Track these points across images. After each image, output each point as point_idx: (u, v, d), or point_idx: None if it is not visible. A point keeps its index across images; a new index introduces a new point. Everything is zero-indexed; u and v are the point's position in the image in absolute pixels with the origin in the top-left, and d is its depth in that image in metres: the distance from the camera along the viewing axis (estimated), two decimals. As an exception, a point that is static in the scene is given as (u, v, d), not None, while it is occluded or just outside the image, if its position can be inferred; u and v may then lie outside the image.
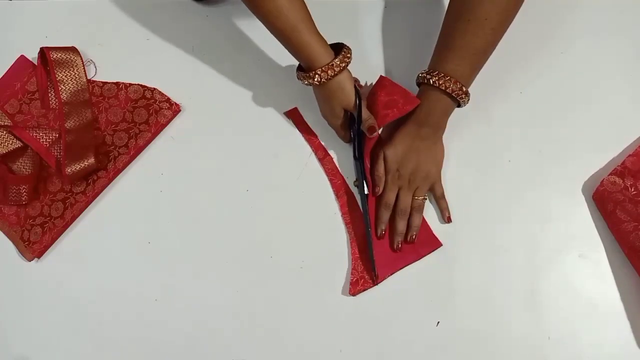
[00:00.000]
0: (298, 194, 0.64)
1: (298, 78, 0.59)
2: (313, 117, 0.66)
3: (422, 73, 0.59)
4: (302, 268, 0.62)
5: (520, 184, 0.61)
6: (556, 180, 0.61)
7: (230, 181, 0.66)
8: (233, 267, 0.63)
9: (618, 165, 0.59)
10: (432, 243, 0.60)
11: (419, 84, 0.60)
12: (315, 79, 0.56)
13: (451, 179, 0.63)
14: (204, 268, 0.63)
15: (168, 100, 0.68)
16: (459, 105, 0.59)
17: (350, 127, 0.62)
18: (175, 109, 0.68)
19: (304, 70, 0.58)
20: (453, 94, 0.56)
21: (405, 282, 0.60)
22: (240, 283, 0.62)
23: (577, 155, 0.61)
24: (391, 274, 0.60)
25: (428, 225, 0.61)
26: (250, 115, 0.68)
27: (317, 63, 0.56)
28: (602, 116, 0.62)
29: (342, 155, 0.65)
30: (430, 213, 0.62)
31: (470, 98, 0.58)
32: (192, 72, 0.70)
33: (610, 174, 0.59)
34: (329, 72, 0.56)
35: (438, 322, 0.59)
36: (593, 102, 0.63)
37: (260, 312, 0.61)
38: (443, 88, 0.56)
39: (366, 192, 0.61)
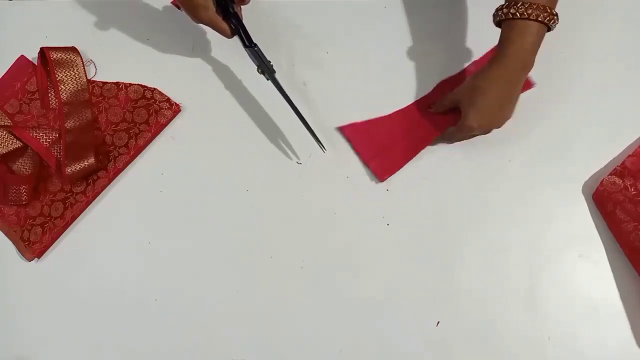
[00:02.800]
0: (298, 194, 0.64)
1: None
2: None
3: (501, 9, 0.52)
4: (302, 268, 0.62)
5: (520, 184, 0.61)
6: (556, 180, 0.61)
7: (230, 181, 0.66)
8: (233, 267, 0.63)
9: (618, 166, 0.59)
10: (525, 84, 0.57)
11: (499, 23, 0.53)
12: None
13: (451, 179, 0.63)
14: (204, 268, 0.63)
15: (168, 100, 0.68)
16: (548, 29, 0.52)
17: (226, 16, 0.58)
18: (175, 109, 0.68)
19: None
20: (545, 20, 0.50)
21: (405, 281, 0.60)
22: (240, 283, 0.62)
23: (577, 155, 0.61)
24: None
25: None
26: (250, 115, 0.68)
27: None
28: (602, 116, 0.62)
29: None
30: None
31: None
32: (192, 72, 0.70)
33: (610, 174, 0.59)
34: None
35: (438, 322, 0.59)
36: (593, 102, 0.63)
37: (260, 312, 0.61)
38: (534, 17, 0.50)
39: (275, 71, 0.59)
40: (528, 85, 0.63)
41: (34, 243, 0.66)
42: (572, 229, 0.60)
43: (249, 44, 0.59)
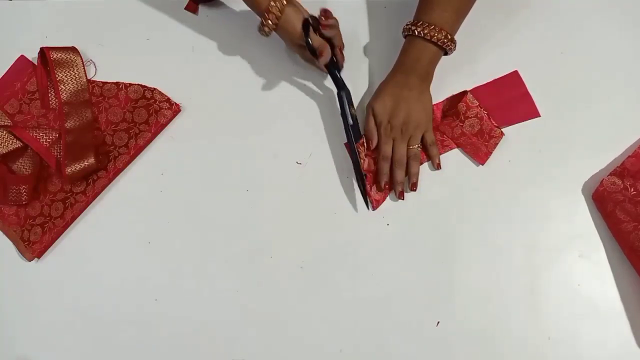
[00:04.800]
0: (298, 194, 0.64)
1: (259, 32, 0.60)
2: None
3: (407, 25, 0.60)
4: (302, 268, 0.62)
5: (520, 184, 0.61)
6: (556, 180, 0.61)
7: (230, 181, 0.66)
8: (233, 267, 0.63)
9: (618, 166, 0.59)
10: (531, 112, 0.63)
11: (405, 36, 0.61)
12: (265, 30, 0.58)
13: (451, 179, 0.63)
14: (204, 268, 0.63)
15: (168, 100, 0.68)
16: (445, 54, 0.60)
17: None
18: (175, 109, 0.68)
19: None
20: (439, 43, 0.57)
21: (405, 282, 0.60)
22: (240, 283, 0.62)
23: (577, 155, 0.61)
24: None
25: (530, 97, 0.63)
26: (250, 115, 0.68)
27: (261, 8, 0.58)
28: (602, 116, 0.62)
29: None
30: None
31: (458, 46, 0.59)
32: (192, 72, 0.70)
33: (610, 174, 0.59)
34: (271, 16, 0.57)
35: (438, 322, 0.59)
36: (593, 102, 0.63)
37: (260, 312, 0.61)
38: (429, 38, 0.57)
39: (351, 122, 0.62)
40: (533, 114, 0.63)
41: (34, 243, 0.66)
42: (572, 229, 0.60)
43: (337, 88, 0.63)
